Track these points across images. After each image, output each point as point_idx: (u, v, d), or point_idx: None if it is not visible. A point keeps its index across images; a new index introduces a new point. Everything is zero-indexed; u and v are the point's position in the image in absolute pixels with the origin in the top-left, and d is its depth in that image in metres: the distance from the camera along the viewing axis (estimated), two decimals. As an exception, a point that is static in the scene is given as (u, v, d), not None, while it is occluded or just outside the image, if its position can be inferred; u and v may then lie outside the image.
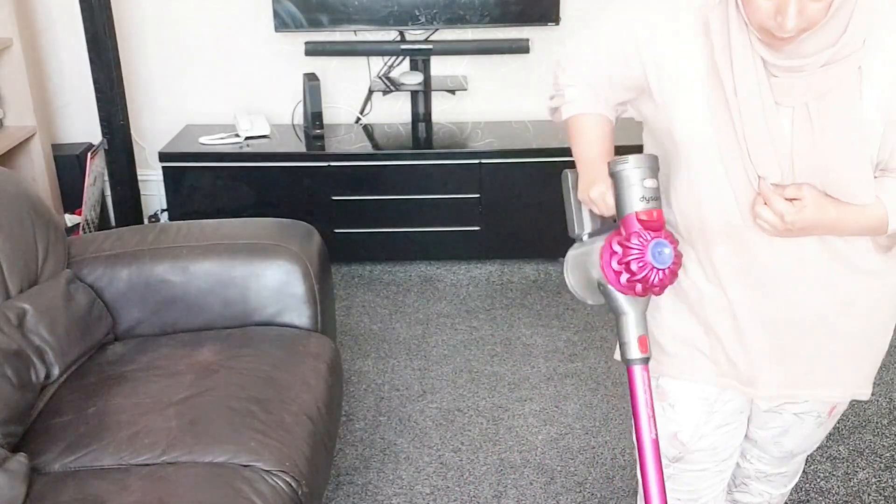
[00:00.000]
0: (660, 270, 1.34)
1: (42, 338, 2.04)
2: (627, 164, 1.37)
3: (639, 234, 1.34)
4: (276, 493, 1.74)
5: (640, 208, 1.36)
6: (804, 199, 1.30)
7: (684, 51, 1.35)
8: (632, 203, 1.36)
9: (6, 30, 3.32)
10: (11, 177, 2.23)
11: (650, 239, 1.33)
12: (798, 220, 1.30)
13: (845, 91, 1.25)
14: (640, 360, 1.42)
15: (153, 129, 3.89)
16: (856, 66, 1.24)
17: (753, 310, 1.47)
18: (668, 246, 1.34)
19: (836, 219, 1.32)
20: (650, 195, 1.36)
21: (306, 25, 3.59)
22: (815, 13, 1.18)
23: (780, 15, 1.18)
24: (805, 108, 1.27)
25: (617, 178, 1.38)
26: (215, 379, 2.01)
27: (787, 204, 1.29)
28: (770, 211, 1.30)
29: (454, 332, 3.20)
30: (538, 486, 2.42)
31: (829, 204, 1.31)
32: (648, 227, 1.35)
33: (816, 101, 1.26)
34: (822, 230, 1.34)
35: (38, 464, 1.80)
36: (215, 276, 2.28)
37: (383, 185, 3.55)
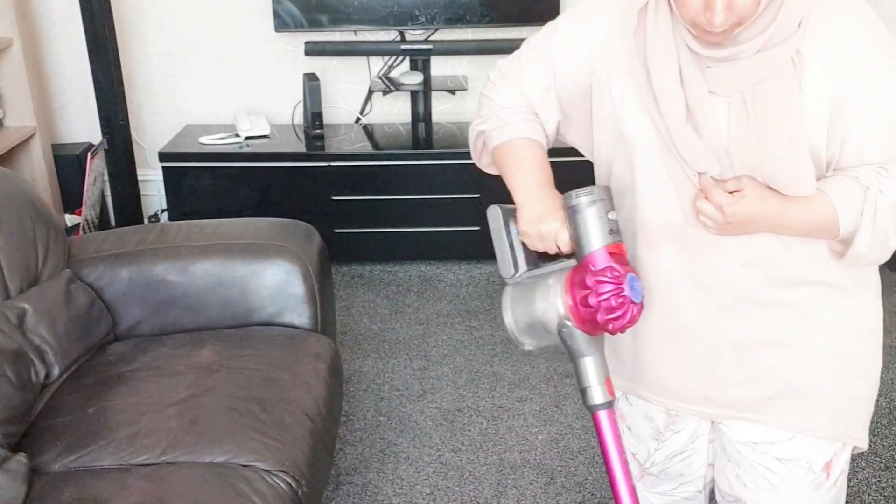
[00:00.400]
0: (635, 305, 1.28)
1: (42, 338, 2.04)
2: (592, 195, 1.30)
3: (612, 269, 1.28)
4: (276, 493, 1.74)
5: (611, 241, 1.30)
6: (744, 189, 1.23)
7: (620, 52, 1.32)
8: (600, 237, 1.30)
9: (6, 30, 3.32)
10: (11, 177, 2.23)
11: (625, 273, 1.28)
12: (738, 210, 1.23)
13: (782, 78, 1.20)
14: (606, 404, 1.33)
15: (153, 128, 3.89)
16: (793, 50, 1.19)
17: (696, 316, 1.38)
18: (638, 280, 1.30)
19: (779, 213, 1.24)
20: (616, 227, 1.31)
21: (306, 25, 3.59)
22: (744, 7, 1.14)
23: (709, 10, 1.14)
24: (741, 97, 1.23)
25: (577, 213, 1.31)
26: (215, 379, 2.01)
27: (726, 194, 1.23)
28: (709, 204, 1.24)
29: (454, 331, 3.20)
30: (538, 486, 2.42)
31: (771, 196, 1.24)
32: (619, 261, 1.29)
33: (752, 88, 1.22)
34: (766, 225, 1.26)
35: (38, 464, 1.80)
36: (215, 276, 2.28)
37: (383, 185, 3.55)
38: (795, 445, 1.41)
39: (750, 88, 1.22)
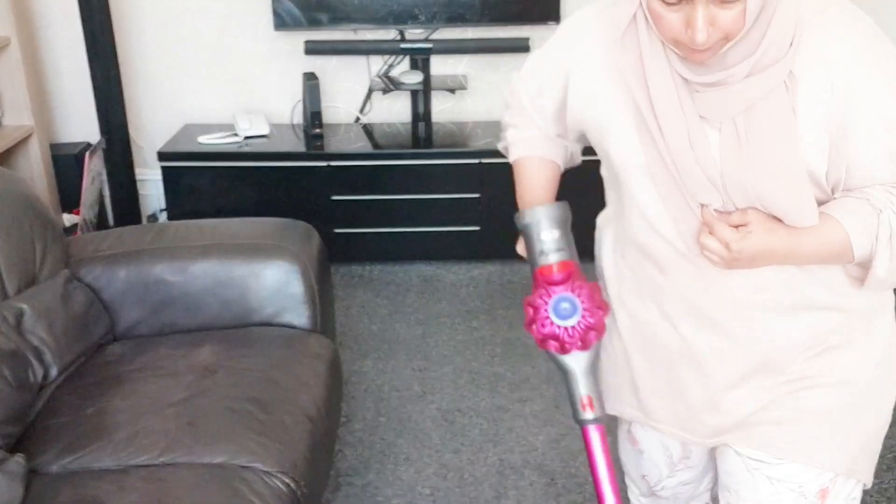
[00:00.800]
0: (567, 328, 1.26)
1: (40, 338, 2.03)
2: (524, 217, 1.33)
3: (539, 291, 1.28)
4: (275, 495, 1.73)
5: (540, 263, 1.30)
6: (750, 224, 1.17)
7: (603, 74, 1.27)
8: (533, 258, 1.32)
9: (4, 29, 3.31)
10: (9, 177, 2.22)
11: (550, 295, 1.27)
12: (745, 247, 1.16)
13: (775, 102, 1.13)
14: (592, 420, 1.34)
15: (152, 128, 3.88)
16: (785, 72, 1.12)
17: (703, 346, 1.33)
18: (571, 300, 1.27)
19: (790, 245, 1.18)
20: (550, 248, 1.29)
21: (306, 24, 3.58)
22: (729, 22, 1.07)
23: (690, 28, 1.07)
24: (732, 124, 1.16)
25: (523, 233, 1.34)
26: (214, 379, 2.00)
27: (731, 231, 1.17)
28: (714, 240, 1.18)
29: (454, 332, 3.19)
30: (538, 487, 2.41)
31: (780, 228, 1.17)
32: (549, 282, 1.28)
33: (743, 115, 1.15)
34: (777, 258, 1.20)
35: (36, 465, 1.79)
36: (214, 276, 2.27)
37: (383, 185, 3.54)
38: (787, 466, 1.34)
39: (742, 115, 1.15)
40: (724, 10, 1.06)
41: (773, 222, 1.18)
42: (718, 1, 1.06)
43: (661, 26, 1.11)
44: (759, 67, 1.12)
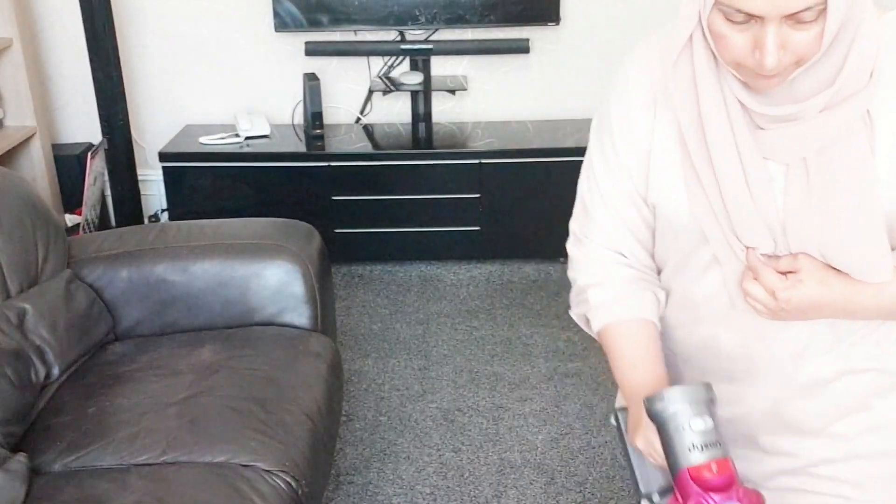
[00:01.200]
0: None
1: (42, 338, 2.04)
2: (664, 401, 1.03)
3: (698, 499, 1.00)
4: (276, 493, 1.74)
5: (694, 462, 1.01)
6: (801, 271, 1.05)
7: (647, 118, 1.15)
8: (683, 456, 1.02)
9: (6, 30, 3.32)
10: (11, 177, 2.23)
11: None
12: (793, 297, 1.04)
13: (852, 141, 1.00)
14: None
15: (153, 128, 3.89)
16: (864, 106, 0.99)
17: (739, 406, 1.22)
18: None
19: (845, 298, 1.05)
20: (703, 441, 1.01)
21: (306, 25, 3.59)
22: (803, 45, 0.94)
23: (759, 50, 0.94)
24: (802, 164, 1.03)
25: (657, 422, 1.05)
26: (215, 379, 2.01)
27: (779, 277, 1.05)
28: (759, 286, 1.06)
29: (454, 331, 3.20)
30: (538, 485, 2.41)
31: (835, 279, 1.05)
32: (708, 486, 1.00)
33: (815, 154, 1.01)
34: (828, 312, 1.07)
35: (38, 464, 1.80)
36: (215, 276, 2.28)
37: (383, 185, 3.55)
38: None
39: (813, 155, 1.02)
40: (798, 32, 0.93)
41: (827, 271, 1.05)
42: (793, 20, 0.92)
43: (724, 48, 0.98)
44: (837, 100, 0.99)
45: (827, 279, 1.05)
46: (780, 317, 1.08)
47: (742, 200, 1.05)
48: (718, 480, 1.00)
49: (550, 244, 3.62)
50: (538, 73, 3.81)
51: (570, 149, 3.46)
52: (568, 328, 3.19)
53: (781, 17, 0.91)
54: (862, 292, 1.05)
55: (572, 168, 1.63)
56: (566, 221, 1.34)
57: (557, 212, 3.57)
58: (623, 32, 3.73)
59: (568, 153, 3.45)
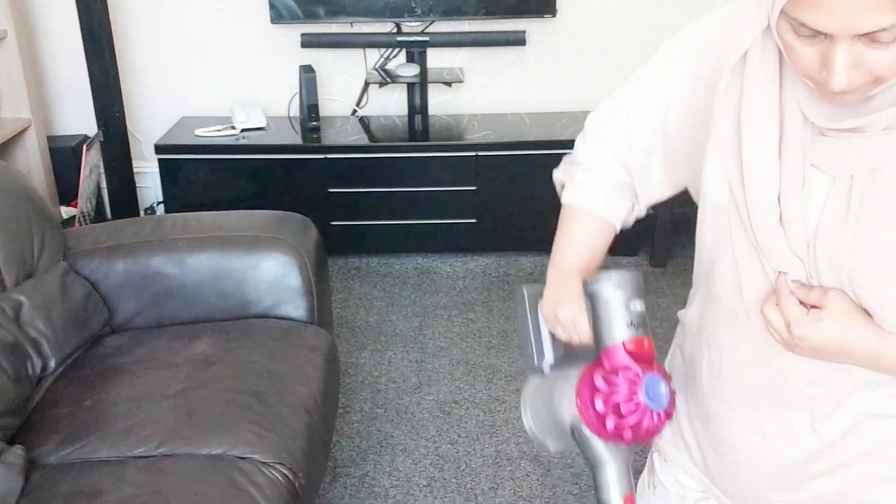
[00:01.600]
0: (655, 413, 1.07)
1: (38, 330, 2.04)
2: (610, 281, 1.11)
3: (628, 367, 1.08)
4: (273, 485, 1.74)
5: (628, 336, 1.09)
6: (826, 308, 0.94)
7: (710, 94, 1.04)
8: (617, 330, 1.10)
9: (1, 21, 3.31)
10: (7, 169, 2.23)
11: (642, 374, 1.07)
12: (809, 334, 0.95)
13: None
14: None
15: (149, 121, 3.88)
16: None
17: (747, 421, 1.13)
18: (663, 382, 1.08)
19: (869, 348, 0.94)
20: (638, 320, 1.10)
21: (302, 17, 3.58)
22: (881, 65, 0.82)
23: (826, 69, 0.84)
24: (848, 182, 0.92)
25: (595, 300, 1.12)
26: (212, 371, 2.01)
27: (800, 310, 0.95)
28: (778, 315, 0.97)
29: (451, 324, 3.20)
30: (534, 477, 2.42)
31: (863, 325, 0.94)
32: (639, 358, 1.09)
33: (867, 175, 0.91)
34: (851, 359, 0.97)
35: (34, 456, 1.80)
36: (212, 269, 2.28)
37: (380, 178, 3.54)
38: None
39: (863, 174, 0.91)
40: (875, 51, 0.82)
41: (857, 314, 0.95)
42: (868, 39, 0.81)
43: (794, 59, 0.88)
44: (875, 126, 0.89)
45: (853, 323, 0.94)
46: (793, 351, 0.99)
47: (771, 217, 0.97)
48: (646, 355, 1.09)
49: (547, 236, 3.60)
50: (534, 65, 3.81)
51: (566, 141, 3.42)
52: (564, 320, 3.19)
53: (853, 35, 0.81)
54: (891, 346, 0.94)
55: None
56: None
57: (553, 204, 3.59)
58: (619, 24, 3.72)
59: (564, 145, 3.40)
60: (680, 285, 3.43)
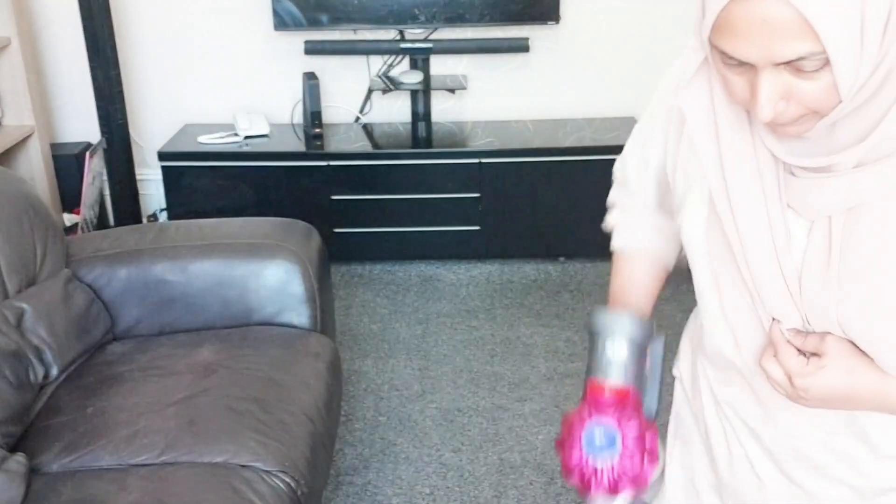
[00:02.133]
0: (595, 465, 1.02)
1: (40, 338, 2.04)
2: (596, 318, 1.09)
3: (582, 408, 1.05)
4: (276, 494, 1.74)
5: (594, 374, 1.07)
6: (825, 356, 0.90)
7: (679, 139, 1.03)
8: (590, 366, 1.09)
9: (5, 28, 3.31)
10: (10, 176, 2.23)
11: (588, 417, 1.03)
12: (812, 385, 0.91)
13: (888, 205, 0.85)
14: None
15: (152, 128, 3.88)
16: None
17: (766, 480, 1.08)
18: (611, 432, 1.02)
19: (876, 393, 0.90)
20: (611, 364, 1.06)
21: (305, 24, 3.58)
22: (813, 96, 0.80)
23: (753, 99, 0.81)
24: (827, 224, 0.88)
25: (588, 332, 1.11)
26: (214, 379, 2.00)
27: (798, 361, 0.92)
28: (778, 368, 0.93)
29: (454, 331, 3.19)
30: (538, 486, 2.41)
31: (865, 370, 0.90)
32: (595, 401, 1.05)
33: (845, 215, 0.87)
34: (858, 404, 0.92)
35: (36, 464, 1.79)
36: (214, 276, 2.27)
37: (383, 185, 3.54)
38: None
39: (841, 214, 0.87)
40: (804, 81, 0.79)
41: (858, 358, 0.90)
42: (792, 68, 0.79)
43: (728, 90, 0.86)
44: (872, 158, 0.84)
45: (856, 369, 0.90)
46: (799, 403, 0.95)
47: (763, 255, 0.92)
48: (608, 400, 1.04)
49: (550, 244, 3.62)
50: (538, 72, 3.81)
51: (569, 148, 3.46)
52: (568, 328, 3.19)
53: (775, 64, 0.79)
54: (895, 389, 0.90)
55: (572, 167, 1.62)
56: (566, 221, 1.38)
57: (557, 211, 3.60)
58: (623, 31, 3.72)
59: (568, 153, 3.45)
60: (684, 292, 3.41)
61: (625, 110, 3.80)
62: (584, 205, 3.50)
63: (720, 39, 0.80)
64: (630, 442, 1.03)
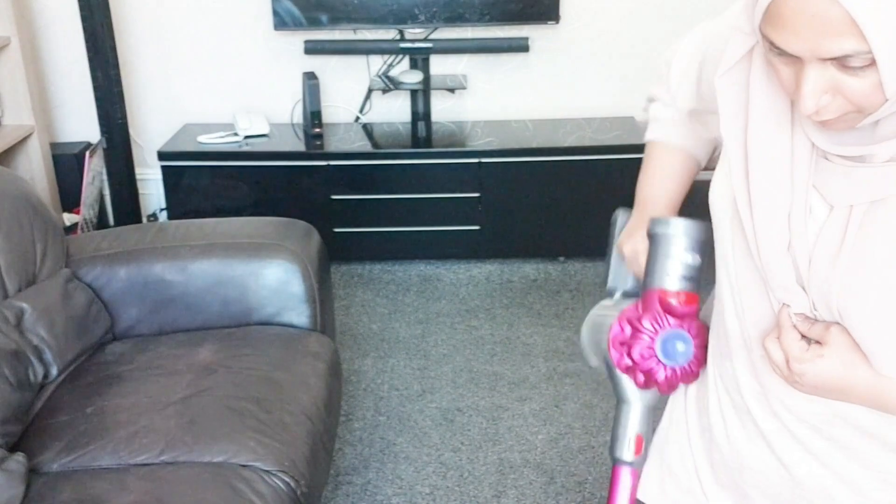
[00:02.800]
0: (667, 367, 1.09)
1: (40, 337, 2.04)
2: (670, 227, 1.10)
3: (655, 317, 1.08)
4: (275, 494, 1.74)
5: (668, 286, 1.09)
6: (827, 345, 0.92)
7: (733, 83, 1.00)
8: (660, 277, 1.10)
9: (4, 28, 3.31)
10: (10, 176, 2.22)
11: (665, 327, 1.08)
12: (808, 371, 0.92)
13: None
14: (630, 462, 1.17)
15: (152, 127, 3.88)
16: None
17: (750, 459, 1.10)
18: (685, 340, 1.08)
19: (870, 389, 0.91)
20: (687, 273, 1.09)
21: (305, 24, 3.58)
22: (858, 93, 0.80)
23: (798, 90, 0.82)
24: (846, 213, 0.89)
25: (654, 241, 1.12)
26: (214, 378, 2.00)
27: (800, 346, 0.93)
28: (778, 350, 0.95)
29: (454, 331, 3.19)
30: (538, 485, 2.41)
31: (864, 365, 0.91)
32: (670, 311, 1.09)
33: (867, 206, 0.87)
34: (851, 397, 0.93)
35: (36, 463, 1.79)
36: (214, 276, 2.27)
37: (383, 185, 3.54)
38: None
39: (861, 205, 0.88)
40: (851, 77, 0.79)
41: (859, 353, 0.91)
42: (839, 64, 0.79)
43: (778, 78, 0.87)
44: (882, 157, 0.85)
45: (854, 363, 0.91)
46: (794, 387, 0.96)
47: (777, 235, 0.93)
48: (680, 310, 1.09)
49: (550, 243, 3.62)
50: (538, 71, 3.81)
51: (569, 148, 3.46)
52: (567, 328, 3.19)
53: (821, 59, 0.79)
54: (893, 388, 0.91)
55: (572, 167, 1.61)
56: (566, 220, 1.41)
57: (557, 211, 3.60)
58: (623, 31, 3.72)
59: (568, 152, 3.45)
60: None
61: (624, 110, 3.80)
62: (584, 204, 3.50)
63: (769, 29, 0.81)
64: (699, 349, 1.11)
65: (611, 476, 1.20)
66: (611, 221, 1.31)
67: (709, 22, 1.17)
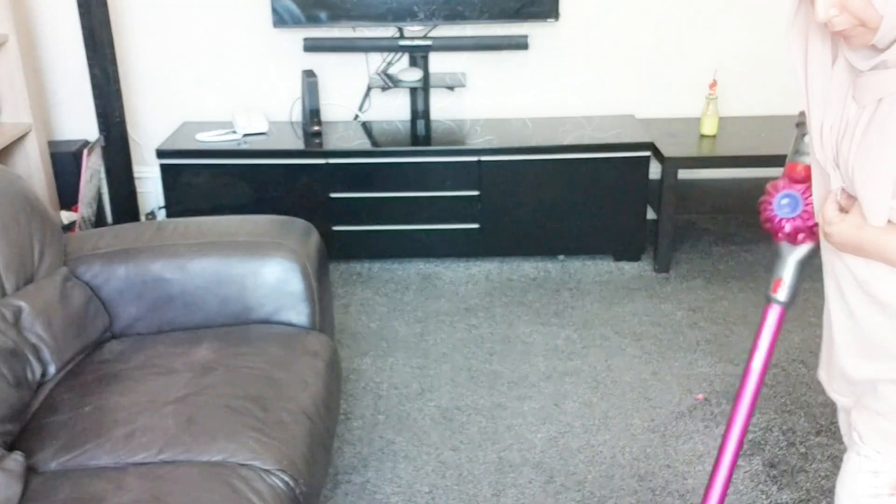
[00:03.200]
0: (781, 219, 1.47)
1: (38, 336, 2.03)
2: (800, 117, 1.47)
3: (776, 182, 1.48)
4: (274, 492, 1.73)
5: (792, 159, 1.48)
6: (851, 213, 1.22)
7: None
8: (791, 154, 1.49)
9: (2, 25, 3.30)
10: (7, 174, 2.22)
11: (780, 188, 1.47)
12: (832, 232, 1.24)
13: None
14: (773, 300, 1.56)
15: (150, 125, 3.87)
16: None
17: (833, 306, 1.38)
18: (795, 197, 1.46)
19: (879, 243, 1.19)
20: (803, 149, 1.46)
21: (304, 22, 3.58)
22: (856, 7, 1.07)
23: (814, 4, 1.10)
24: (875, 105, 1.15)
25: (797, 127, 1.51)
26: (213, 377, 2.00)
27: (832, 212, 1.25)
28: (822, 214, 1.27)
29: (453, 330, 3.19)
30: (537, 484, 2.40)
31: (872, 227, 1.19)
32: (788, 176, 1.48)
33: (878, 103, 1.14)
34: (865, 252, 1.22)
35: (34, 462, 1.79)
36: (213, 274, 2.26)
37: (382, 183, 3.53)
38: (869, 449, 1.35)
39: (875, 103, 1.15)
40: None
41: None
42: None
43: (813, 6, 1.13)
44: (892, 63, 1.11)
45: (864, 227, 1.20)
46: (829, 241, 1.27)
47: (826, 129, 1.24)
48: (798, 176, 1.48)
49: (550, 242, 3.61)
50: (537, 69, 3.80)
51: (569, 146, 3.45)
52: (567, 326, 3.18)
53: None
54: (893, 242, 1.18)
55: (572, 165, 1.62)
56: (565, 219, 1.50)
57: (557, 209, 3.59)
58: (622, 28, 3.72)
59: (567, 150, 3.44)
60: (684, 290, 3.41)
61: (624, 108, 3.80)
62: (583, 203, 3.49)
63: None
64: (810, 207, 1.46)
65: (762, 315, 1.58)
66: None
67: None
